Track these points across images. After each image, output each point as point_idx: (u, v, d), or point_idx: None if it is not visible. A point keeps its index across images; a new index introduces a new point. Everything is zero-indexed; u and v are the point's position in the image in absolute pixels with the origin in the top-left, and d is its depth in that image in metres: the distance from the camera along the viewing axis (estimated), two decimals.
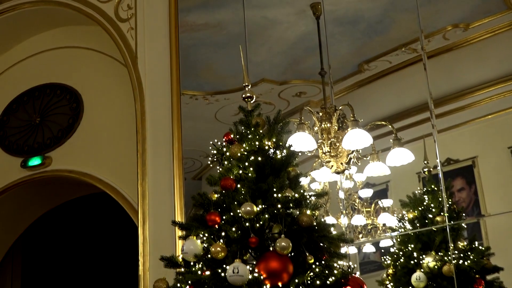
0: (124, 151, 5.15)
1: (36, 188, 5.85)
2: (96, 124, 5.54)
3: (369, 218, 4.49)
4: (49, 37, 5.99)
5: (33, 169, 5.65)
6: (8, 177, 5.77)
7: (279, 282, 3.03)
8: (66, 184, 5.74)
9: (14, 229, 6.35)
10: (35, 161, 5.63)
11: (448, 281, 3.96)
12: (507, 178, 4.08)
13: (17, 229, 6.38)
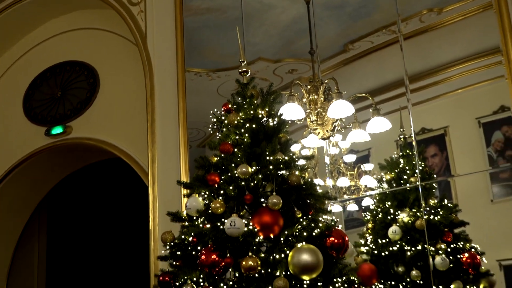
0: (136, 120, 5.15)
1: (58, 154, 5.86)
2: (111, 97, 5.54)
3: (353, 180, 4.50)
4: (68, 20, 5.95)
5: (55, 137, 5.66)
6: (33, 144, 5.78)
7: (271, 233, 3.07)
8: (85, 151, 5.75)
9: (39, 190, 6.37)
10: (57, 130, 5.64)
11: (420, 233, 4.00)
12: (474, 145, 4.09)
13: (42, 190, 6.40)
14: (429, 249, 3.94)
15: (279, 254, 3.00)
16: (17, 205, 6.24)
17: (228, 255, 3.05)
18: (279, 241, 3.06)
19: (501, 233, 3.97)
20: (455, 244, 3.96)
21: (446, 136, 4.23)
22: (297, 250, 2.94)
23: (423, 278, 3.95)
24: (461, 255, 3.92)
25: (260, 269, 2.96)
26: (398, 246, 4.08)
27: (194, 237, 3.19)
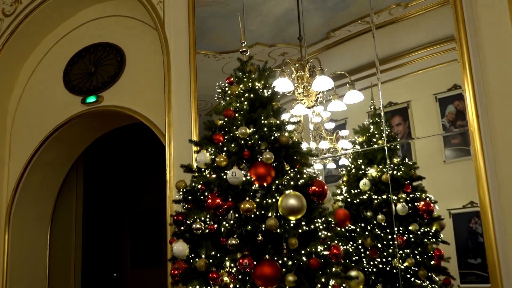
0: (155, 91, 5.14)
1: (92, 118, 5.86)
2: (135, 72, 5.51)
3: (332, 143, 4.50)
4: (100, 8, 5.89)
5: (89, 105, 5.65)
6: (71, 111, 5.77)
7: (264, 182, 3.09)
8: (114, 116, 5.74)
9: (77, 149, 6.38)
10: (91, 99, 5.62)
11: (385, 185, 4.01)
12: (431, 116, 4.09)
13: (79, 149, 6.41)
14: (392, 198, 3.97)
15: (271, 199, 3.02)
16: (59, 160, 6.26)
17: (230, 200, 3.08)
18: (271, 189, 3.08)
19: (451, 188, 4.00)
20: (413, 194, 3.98)
21: (409, 108, 4.22)
22: (285, 196, 2.97)
23: (387, 221, 3.98)
24: (418, 203, 3.94)
25: (255, 211, 2.99)
26: (367, 195, 4.10)
27: (202, 185, 3.22)
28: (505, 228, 3.30)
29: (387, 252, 3.93)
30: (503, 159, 3.37)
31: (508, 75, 3.43)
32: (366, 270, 3.94)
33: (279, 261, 2.89)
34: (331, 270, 3.05)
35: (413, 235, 3.89)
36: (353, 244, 4.03)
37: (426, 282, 3.81)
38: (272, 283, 2.82)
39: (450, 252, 3.85)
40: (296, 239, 2.95)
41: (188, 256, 3.10)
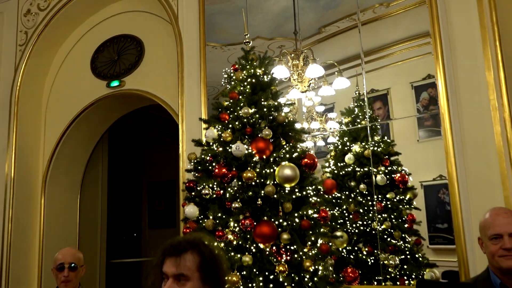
0: (170, 77, 5.11)
1: (115, 100, 5.83)
2: (152, 60, 5.47)
3: (321, 123, 4.50)
4: (122, 4, 5.83)
5: (113, 88, 5.62)
6: (97, 93, 5.75)
7: (263, 155, 3.10)
8: (134, 98, 5.72)
9: (102, 126, 6.37)
10: (115, 83, 5.59)
11: (367, 159, 4.01)
12: (407, 101, 4.07)
13: (104, 126, 6.40)
14: (373, 170, 3.97)
15: (269, 169, 3.03)
16: (86, 136, 6.26)
17: (234, 169, 3.09)
18: (269, 160, 3.09)
19: (423, 163, 4.00)
20: (391, 168, 3.98)
21: (388, 95, 4.21)
22: (281, 167, 2.98)
23: (368, 190, 3.99)
24: (395, 175, 3.95)
25: (255, 179, 3.00)
26: (351, 168, 4.10)
27: (210, 157, 3.22)
28: (469, 198, 3.31)
29: (368, 216, 3.95)
30: (468, 139, 3.38)
31: (475, 65, 3.41)
32: (350, 231, 3.97)
33: (275, 222, 2.91)
34: (319, 230, 3.07)
35: (390, 202, 3.90)
36: (339, 209, 4.05)
37: (400, 242, 3.84)
38: (269, 240, 2.85)
39: (421, 217, 3.88)
40: (290, 204, 2.97)
41: (198, 217, 3.12)
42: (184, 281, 1.64)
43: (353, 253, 3.92)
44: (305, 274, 2.85)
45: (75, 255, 2.90)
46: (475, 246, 3.12)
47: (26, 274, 5.67)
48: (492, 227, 2.03)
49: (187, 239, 1.76)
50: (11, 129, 5.81)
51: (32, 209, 5.87)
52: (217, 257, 1.74)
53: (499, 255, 1.98)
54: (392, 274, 3.79)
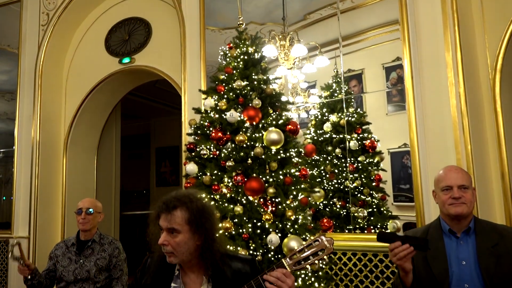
0: (174, 55, 5.04)
1: (127, 75, 5.76)
2: (159, 40, 5.37)
3: (305, 97, 4.48)
4: None
5: (125, 64, 5.53)
6: (111, 69, 5.66)
7: (253, 122, 3.09)
8: (143, 73, 5.64)
9: (115, 97, 6.31)
10: (126, 60, 5.50)
11: (342, 128, 4.03)
12: (378, 79, 4.05)
13: (117, 97, 6.33)
14: (347, 137, 3.99)
15: (258, 133, 3.03)
16: (102, 106, 6.20)
17: (228, 133, 3.08)
18: (258, 126, 3.09)
19: (390, 133, 3.99)
20: (362, 135, 4.00)
21: (363, 74, 4.18)
22: (269, 132, 2.98)
23: (342, 153, 4.01)
24: (366, 141, 3.98)
25: (246, 142, 3.00)
26: (329, 135, 4.11)
27: (208, 122, 3.21)
28: (427, 162, 3.35)
29: (341, 176, 3.99)
30: (428, 111, 3.39)
31: (436, 48, 3.39)
32: (326, 188, 4.00)
33: (263, 178, 2.93)
34: (300, 186, 3.10)
35: (361, 164, 3.94)
36: (317, 169, 4.07)
37: (369, 198, 3.89)
38: (258, 193, 2.87)
39: (387, 178, 3.91)
40: (276, 163, 2.98)
41: (197, 174, 3.13)
42: (176, 233, 1.69)
43: (328, 207, 3.97)
44: (287, 222, 2.89)
45: (92, 203, 2.93)
46: (431, 201, 3.18)
47: (51, 222, 5.72)
48: (444, 180, 2.07)
49: (178, 196, 1.75)
50: (36, 99, 5.75)
51: (55, 168, 5.87)
52: (205, 210, 1.74)
53: (449, 203, 2.02)
54: (361, 224, 3.85)
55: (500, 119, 3.20)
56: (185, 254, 1.71)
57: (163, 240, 1.70)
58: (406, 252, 1.86)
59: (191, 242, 1.70)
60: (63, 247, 2.88)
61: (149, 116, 9.69)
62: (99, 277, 2.77)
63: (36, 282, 2.71)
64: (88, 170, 6.24)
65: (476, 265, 1.96)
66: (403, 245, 1.86)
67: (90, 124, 6.16)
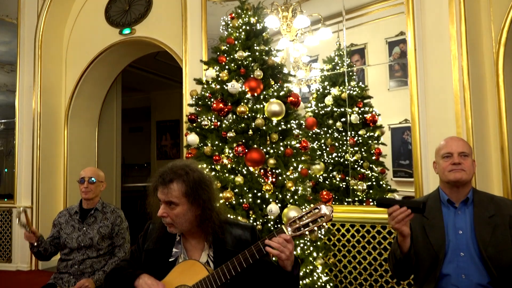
0: (175, 26, 4.99)
1: (127, 46, 5.71)
2: (160, 11, 5.30)
3: (306, 71, 4.45)
4: None
5: (125, 35, 5.48)
6: (111, 40, 5.62)
7: (255, 93, 3.06)
8: (144, 45, 5.58)
9: (116, 69, 6.27)
10: (126, 30, 5.44)
11: (343, 101, 4.02)
12: (382, 55, 4.04)
13: (117, 69, 6.30)
14: (348, 111, 3.99)
15: (259, 104, 3.02)
16: (102, 77, 6.18)
17: (229, 104, 3.07)
18: (259, 97, 3.07)
19: (392, 109, 4.00)
20: (364, 108, 4.00)
21: (365, 49, 4.15)
22: (270, 103, 2.96)
23: (343, 127, 4.02)
24: (366, 115, 3.98)
25: (247, 113, 2.99)
26: (330, 108, 4.11)
27: (209, 93, 3.20)
28: (427, 137, 3.35)
29: (342, 149, 4.01)
30: (430, 84, 3.37)
31: (440, 20, 3.35)
32: (326, 161, 4.03)
33: (263, 149, 2.93)
34: (300, 157, 3.11)
35: (361, 137, 3.95)
36: (318, 142, 4.09)
37: (368, 171, 3.92)
38: (258, 164, 2.88)
39: (387, 154, 3.92)
40: (277, 135, 2.98)
41: (198, 144, 3.14)
42: (174, 205, 1.71)
43: (328, 179, 4.01)
44: (287, 193, 2.92)
45: (94, 172, 2.95)
46: (430, 175, 3.21)
47: (53, 192, 5.78)
48: (445, 147, 2.09)
49: (174, 169, 1.74)
50: (36, 70, 5.72)
51: (56, 139, 5.88)
52: (201, 181, 1.74)
53: (449, 169, 2.04)
54: (360, 197, 3.90)
55: (502, 93, 3.19)
56: (184, 225, 1.74)
57: (162, 212, 1.72)
58: (403, 215, 1.88)
59: (189, 213, 1.72)
60: (66, 215, 2.92)
61: (150, 89, 9.65)
62: (102, 244, 2.82)
63: (42, 249, 2.77)
64: (89, 142, 6.26)
65: (472, 234, 1.99)
66: (401, 208, 1.89)
67: (91, 96, 6.15)
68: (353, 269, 3.60)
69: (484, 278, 1.94)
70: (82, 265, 2.77)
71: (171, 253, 1.80)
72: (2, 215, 5.82)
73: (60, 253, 2.88)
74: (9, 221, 5.77)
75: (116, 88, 6.72)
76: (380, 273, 3.48)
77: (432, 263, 2.01)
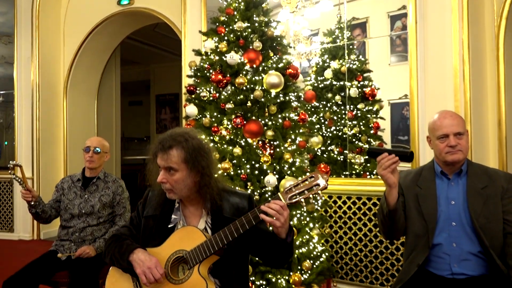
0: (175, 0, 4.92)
1: (125, 17, 5.65)
2: None
3: (307, 44, 4.42)
4: None
5: (123, 6, 5.42)
6: (109, 10, 5.57)
7: (254, 64, 3.04)
8: (142, 16, 5.52)
9: (114, 40, 6.23)
10: (125, 1, 5.38)
11: (343, 75, 4.00)
12: (383, 29, 3.98)
13: (116, 40, 6.26)
14: (347, 84, 3.98)
15: (258, 76, 3.01)
16: (101, 48, 6.14)
17: (228, 76, 3.06)
18: (258, 69, 3.06)
19: (392, 84, 3.96)
20: (363, 82, 3.99)
21: (367, 23, 4.10)
22: (268, 75, 2.96)
23: (342, 100, 4.02)
24: (366, 89, 3.97)
25: (246, 85, 2.99)
26: (329, 82, 4.09)
27: (208, 65, 3.18)
28: (425, 110, 3.36)
29: (340, 123, 4.02)
30: (430, 57, 3.36)
31: None
32: (325, 135, 4.06)
33: (262, 121, 2.95)
34: (299, 130, 3.13)
35: (360, 111, 3.96)
36: (317, 116, 4.10)
37: (366, 145, 3.94)
38: (256, 136, 2.90)
39: (386, 129, 3.93)
40: (275, 107, 2.98)
41: (197, 116, 3.15)
42: (173, 171, 1.74)
43: (326, 153, 4.04)
44: (285, 164, 2.95)
45: (100, 142, 3.00)
46: (426, 148, 3.23)
47: (54, 163, 5.84)
48: (440, 129, 2.08)
49: (173, 135, 1.77)
50: (34, 41, 5.68)
51: (56, 110, 5.90)
52: (200, 148, 1.78)
53: (446, 152, 2.06)
54: (357, 170, 3.94)
55: (502, 67, 3.18)
56: (183, 191, 1.78)
57: (162, 178, 1.76)
58: (390, 161, 1.92)
59: (188, 179, 1.76)
60: (69, 181, 2.97)
61: (149, 63, 9.58)
62: (102, 213, 2.87)
63: (40, 210, 2.81)
64: (88, 113, 6.28)
65: (465, 205, 2.03)
66: (389, 155, 1.93)
67: (90, 67, 6.12)
68: (348, 240, 3.68)
69: (475, 247, 2.00)
70: (83, 233, 2.84)
71: (170, 219, 1.85)
72: (4, 186, 5.89)
73: (60, 220, 2.94)
74: (11, 192, 5.84)
75: (115, 60, 6.68)
76: (375, 244, 3.56)
77: (424, 233, 2.06)
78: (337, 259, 3.73)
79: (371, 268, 3.57)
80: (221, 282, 1.77)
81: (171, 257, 1.75)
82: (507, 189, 2.03)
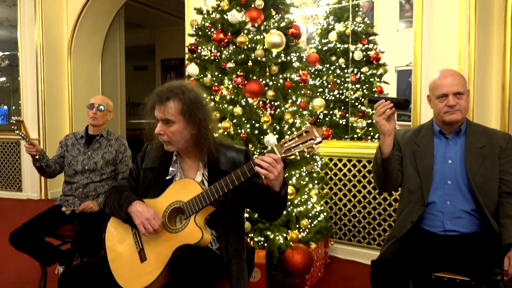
0: None
1: None
2: None
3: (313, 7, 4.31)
4: None
5: None
6: None
7: (255, 23, 3.03)
8: None
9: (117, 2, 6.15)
10: None
11: (347, 37, 3.93)
12: (391, 4, 3.86)
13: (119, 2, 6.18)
14: (351, 47, 3.92)
15: (259, 35, 2.98)
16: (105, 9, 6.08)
17: (229, 35, 3.03)
18: (260, 28, 3.02)
19: (399, 51, 3.85)
20: (368, 45, 3.92)
21: None
22: (270, 34, 2.92)
23: (346, 64, 3.97)
24: (370, 52, 3.91)
25: (247, 44, 2.97)
26: (333, 45, 4.03)
27: (210, 24, 3.15)
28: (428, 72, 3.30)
29: (343, 86, 3.99)
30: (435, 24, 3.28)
31: None
32: (327, 98, 4.03)
33: (263, 81, 2.94)
34: (300, 91, 3.12)
35: (363, 75, 3.91)
36: (320, 79, 4.06)
37: (368, 109, 3.92)
38: (257, 96, 2.90)
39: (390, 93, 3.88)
40: (276, 67, 2.98)
41: (198, 75, 3.15)
42: (171, 123, 1.76)
43: (328, 116, 4.03)
44: (285, 125, 2.96)
45: (104, 100, 3.03)
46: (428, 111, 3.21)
47: (59, 124, 5.89)
48: (439, 88, 2.06)
49: (170, 88, 1.78)
50: (37, 2, 5.63)
51: (60, 72, 5.90)
52: (197, 101, 1.78)
53: (444, 111, 2.04)
54: (359, 134, 3.93)
55: (509, 29, 3.10)
56: (181, 143, 1.80)
57: (159, 130, 1.78)
58: (385, 108, 1.94)
59: (185, 131, 1.78)
60: (72, 138, 3.01)
61: (154, 26, 9.45)
62: (105, 169, 2.92)
63: (44, 164, 2.86)
64: (93, 76, 6.28)
65: (462, 163, 2.04)
66: (385, 102, 1.94)
67: (93, 30, 6.07)
68: (348, 201, 3.72)
69: (469, 205, 2.01)
70: (86, 189, 2.90)
71: (168, 171, 1.88)
72: (11, 147, 5.98)
73: (64, 175, 2.99)
74: (18, 153, 5.93)
75: (119, 23, 6.61)
76: (373, 205, 3.59)
77: (417, 189, 2.08)
78: (336, 220, 3.79)
79: (369, 229, 3.62)
80: (217, 233, 1.81)
81: (169, 207, 1.79)
82: (505, 149, 2.03)
